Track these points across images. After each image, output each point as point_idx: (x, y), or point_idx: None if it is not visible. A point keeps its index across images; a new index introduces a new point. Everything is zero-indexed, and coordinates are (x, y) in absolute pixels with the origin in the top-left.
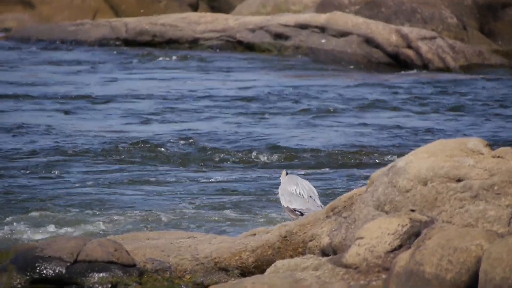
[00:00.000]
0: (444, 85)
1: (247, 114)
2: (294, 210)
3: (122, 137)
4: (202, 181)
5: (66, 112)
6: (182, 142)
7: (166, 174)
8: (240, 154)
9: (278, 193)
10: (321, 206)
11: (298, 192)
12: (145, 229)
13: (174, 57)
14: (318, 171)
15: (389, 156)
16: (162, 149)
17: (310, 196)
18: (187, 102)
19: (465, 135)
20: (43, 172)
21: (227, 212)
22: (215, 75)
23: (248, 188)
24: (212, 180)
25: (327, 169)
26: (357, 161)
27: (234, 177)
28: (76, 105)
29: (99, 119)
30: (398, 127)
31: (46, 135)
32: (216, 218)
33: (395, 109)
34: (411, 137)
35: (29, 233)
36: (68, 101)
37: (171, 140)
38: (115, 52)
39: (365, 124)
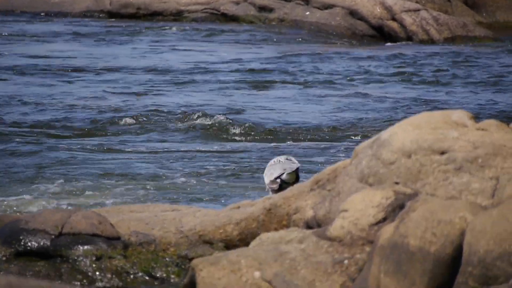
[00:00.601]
0: (428, 57)
1: (228, 89)
2: (275, 179)
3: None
4: (189, 152)
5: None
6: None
7: (156, 143)
8: (216, 126)
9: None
10: (297, 163)
11: (276, 160)
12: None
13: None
14: (302, 144)
15: (373, 128)
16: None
17: (287, 158)
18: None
19: (449, 107)
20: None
21: (215, 183)
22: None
23: (227, 162)
24: (197, 150)
25: (310, 143)
26: (341, 134)
27: (215, 148)
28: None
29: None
30: (383, 99)
31: (31, 106)
32: (207, 189)
33: (379, 81)
34: (396, 109)
35: (15, 206)
36: (52, 73)
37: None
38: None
39: (349, 97)
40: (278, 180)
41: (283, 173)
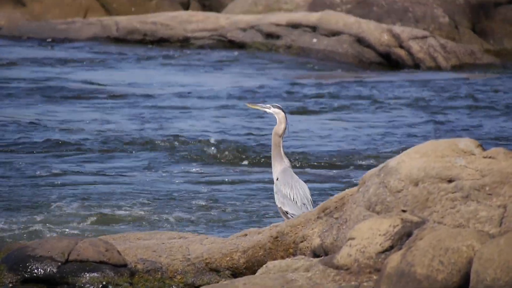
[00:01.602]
0: (436, 85)
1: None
2: (286, 212)
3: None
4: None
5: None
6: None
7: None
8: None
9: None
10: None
11: (291, 197)
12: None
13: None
14: (310, 171)
15: (381, 156)
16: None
17: (304, 204)
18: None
19: (456, 135)
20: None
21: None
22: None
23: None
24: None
25: (318, 170)
26: (348, 162)
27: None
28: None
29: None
30: (390, 127)
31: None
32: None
33: (386, 109)
34: (403, 137)
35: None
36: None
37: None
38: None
39: (356, 124)
40: (290, 216)
41: (294, 214)
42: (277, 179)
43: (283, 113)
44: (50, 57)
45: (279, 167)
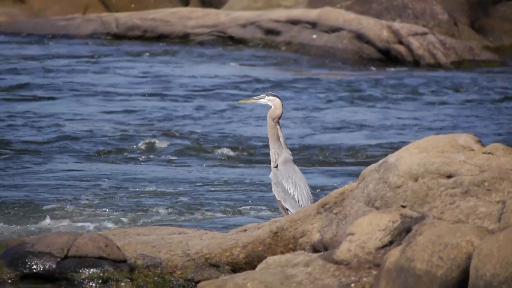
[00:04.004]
0: (435, 81)
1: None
2: (287, 209)
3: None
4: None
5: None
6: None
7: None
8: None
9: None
10: None
11: (295, 197)
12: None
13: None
14: (310, 168)
15: (380, 151)
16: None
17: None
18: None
19: (456, 130)
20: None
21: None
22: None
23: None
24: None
25: (318, 166)
26: (347, 157)
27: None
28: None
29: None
30: (389, 123)
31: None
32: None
33: (386, 104)
34: (402, 133)
35: (20, 228)
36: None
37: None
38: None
39: (355, 120)
40: (289, 212)
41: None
42: (276, 166)
43: (278, 99)
44: (50, 53)
45: (278, 151)
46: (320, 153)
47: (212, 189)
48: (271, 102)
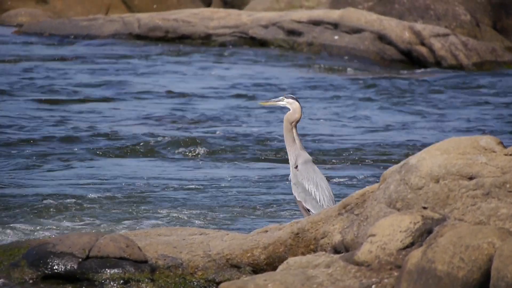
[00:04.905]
0: (457, 82)
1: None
2: (308, 210)
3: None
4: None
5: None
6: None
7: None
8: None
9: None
10: None
11: (317, 198)
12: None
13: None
14: (330, 166)
15: (402, 153)
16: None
17: (328, 206)
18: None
19: (477, 132)
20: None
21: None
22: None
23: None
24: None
25: (340, 165)
26: (371, 158)
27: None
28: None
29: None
30: (411, 124)
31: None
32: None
33: (407, 106)
34: (423, 134)
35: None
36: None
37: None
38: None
39: (377, 121)
40: (310, 213)
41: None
42: (296, 167)
43: (297, 103)
44: (72, 54)
45: (295, 152)
46: (351, 152)
47: (234, 189)
48: (290, 105)
